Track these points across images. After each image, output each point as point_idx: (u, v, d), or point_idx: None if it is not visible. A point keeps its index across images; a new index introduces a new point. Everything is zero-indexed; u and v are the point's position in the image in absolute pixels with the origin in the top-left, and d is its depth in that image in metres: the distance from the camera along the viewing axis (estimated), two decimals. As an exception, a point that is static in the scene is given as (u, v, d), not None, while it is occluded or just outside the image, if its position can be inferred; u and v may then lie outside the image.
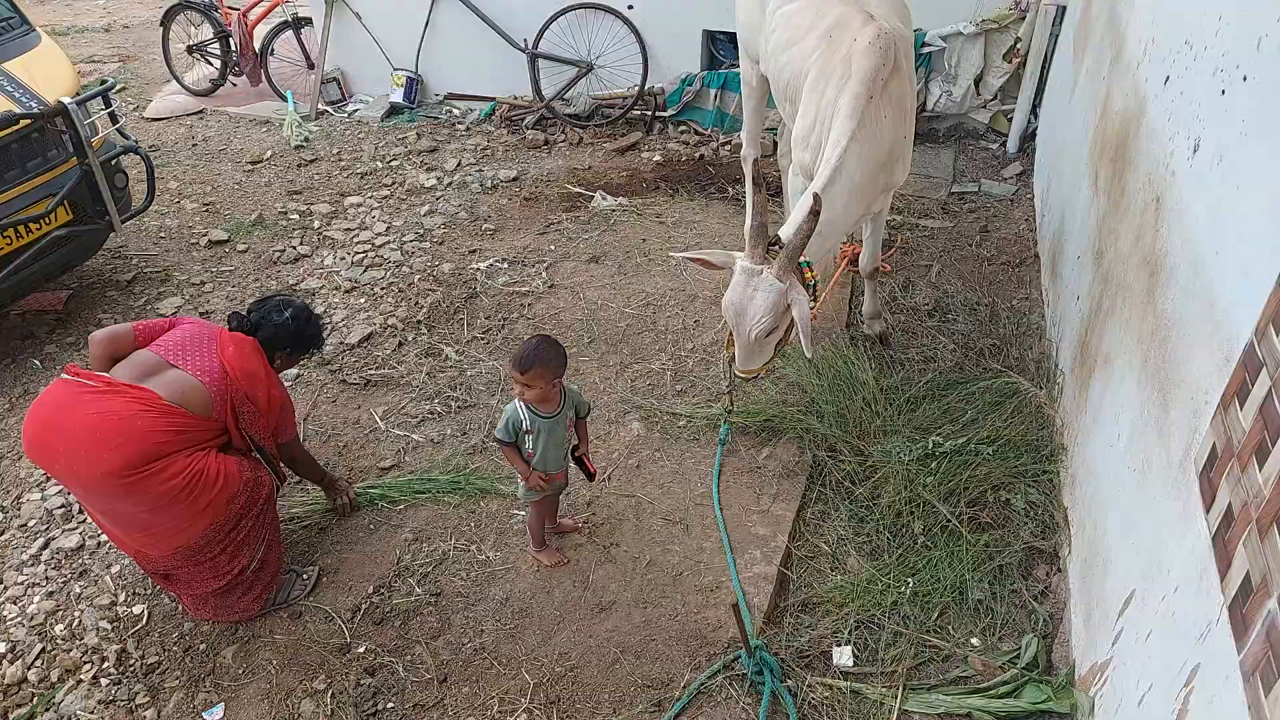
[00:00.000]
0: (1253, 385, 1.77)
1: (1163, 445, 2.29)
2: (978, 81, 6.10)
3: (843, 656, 2.94)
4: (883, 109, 3.37)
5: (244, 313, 3.19)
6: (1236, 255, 2.03)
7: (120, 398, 2.75)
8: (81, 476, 2.73)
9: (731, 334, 3.34)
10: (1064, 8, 5.53)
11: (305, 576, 3.26)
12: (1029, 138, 6.05)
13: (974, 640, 2.97)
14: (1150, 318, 2.56)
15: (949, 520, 3.29)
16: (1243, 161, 2.10)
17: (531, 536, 3.31)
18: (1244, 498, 1.73)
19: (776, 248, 3.17)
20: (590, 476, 3.26)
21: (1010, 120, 6.11)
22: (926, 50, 5.98)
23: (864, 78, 3.30)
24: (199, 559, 2.94)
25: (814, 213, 3.03)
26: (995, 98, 6.17)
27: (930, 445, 3.51)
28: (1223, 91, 2.30)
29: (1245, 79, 2.16)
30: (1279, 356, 1.68)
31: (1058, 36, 5.63)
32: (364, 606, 3.19)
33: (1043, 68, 5.79)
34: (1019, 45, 5.88)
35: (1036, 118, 6.00)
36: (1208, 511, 1.90)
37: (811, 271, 3.25)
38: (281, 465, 3.30)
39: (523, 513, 3.45)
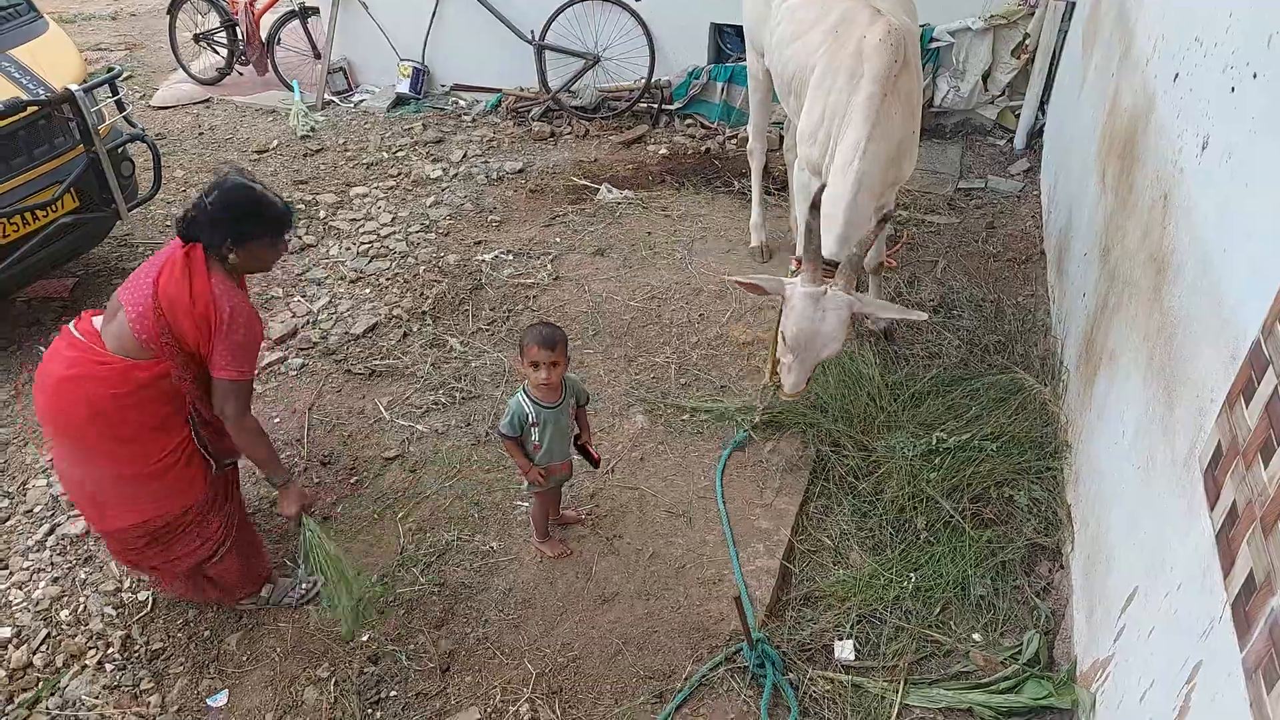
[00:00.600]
0: (1259, 383, 1.77)
1: (1167, 443, 2.29)
2: (985, 77, 6.08)
3: (844, 650, 2.95)
4: (893, 105, 3.36)
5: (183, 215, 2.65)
6: (1245, 253, 2.03)
7: (75, 348, 2.64)
8: (54, 432, 2.71)
9: (777, 357, 3.33)
10: (1073, 4, 5.50)
11: (305, 586, 3.17)
12: (1036, 134, 6.03)
13: (975, 636, 2.98)
14: (1156, 315, 2.56)
15: (952, 516, 3.30)
16: (1252, 159, 2.09)
17: (535, 528, 3.32)
18: (1248, 496, 1.73)
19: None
20: (595, 464, 3.27)
21: (1018, 116, 6.08)
22: (935, 46, 5.96)
23: (877, 76, 3.29)
24: (143, 546, 2.87)
25: (883, 221, 3.05)
26: (1003, 94, 6.15)
27: (934, 441, 3.51)
28: (1232, 89, 2.30)
29: (1255, 76, 2.16)
30: (1286, 355, 1.68)
31: (1066, 32, 5.60)
32: (367, 595, 3.20)
33: (1051, 64, 5.77)
34: (1027, 41, 5.85)
35: (1044, 114, 5.98)
36: (1212, 509, 1.90)
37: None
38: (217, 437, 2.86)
39: (526, 504, 3.45)
